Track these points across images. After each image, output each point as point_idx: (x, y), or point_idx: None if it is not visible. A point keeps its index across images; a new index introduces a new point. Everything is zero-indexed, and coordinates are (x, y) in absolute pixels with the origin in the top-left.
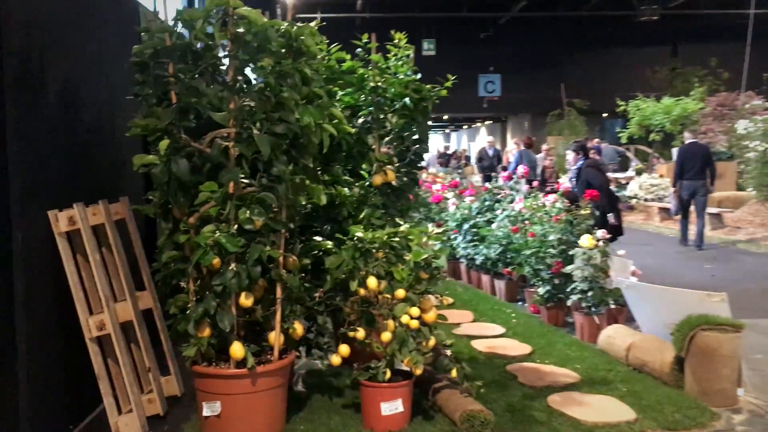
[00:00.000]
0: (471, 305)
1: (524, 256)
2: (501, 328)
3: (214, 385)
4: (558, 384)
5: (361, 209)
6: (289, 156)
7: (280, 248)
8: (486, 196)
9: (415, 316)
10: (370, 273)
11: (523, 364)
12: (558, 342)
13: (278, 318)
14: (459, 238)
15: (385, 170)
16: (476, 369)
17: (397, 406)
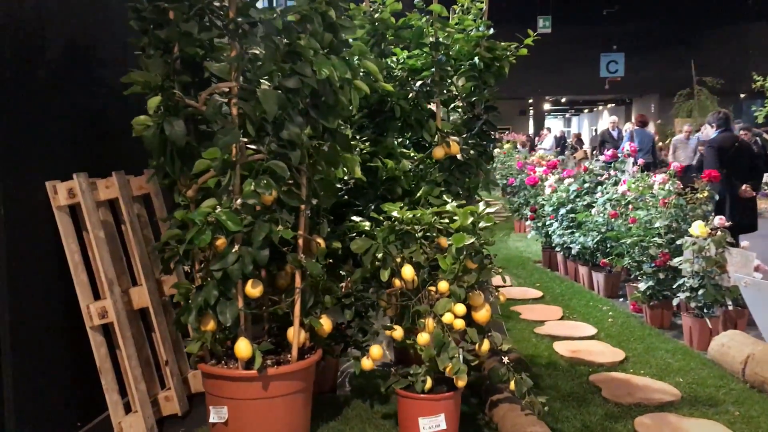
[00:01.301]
0: (562, 300)
1: (625, 245)
2: (592, 328)
3: (220, 388)
4: (651, 402)
5: (420, 186)
6: (308, 118)
7: (299, 228)
8: (586, 178)
9: (459, 314)
10: (406, 261)
11: (612, 374)
12: (659, 348)
13: (297, 311)
14: (554, 225)
15: (448, 141)
16: (553, 378)
17: (438, 422)
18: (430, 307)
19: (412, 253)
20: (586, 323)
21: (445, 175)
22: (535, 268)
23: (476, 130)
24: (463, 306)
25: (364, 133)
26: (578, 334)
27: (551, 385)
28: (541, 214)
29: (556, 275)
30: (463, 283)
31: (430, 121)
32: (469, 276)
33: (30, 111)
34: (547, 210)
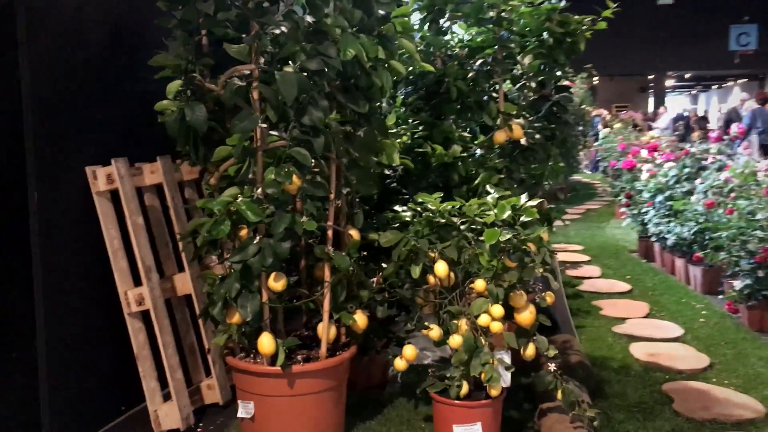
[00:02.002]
0: (651, 296)
1: (722, 238)
2: (679, 329)
3: (246, 383)
4: (729, 418)
5: (479, 173)
6: (336, 102)
7: (329, 219)
8: (687, 162)
9: (497, 316)
10: (440, 257)
11: (689, 384)
12: (751, 355)
13: (326, 306)
14: (651, 212)
15: (511, 125)
16: (622, 384)
17: (474, 431)
18: (466, 307)
19: (445, 248)
20: (673, 323)
21: (506, 162)
22: (629, 259)
23: (543, 112)
24: (500, 307)
25: (419, 117)
26: (661, 335)
27: (618, 392)
28: (638, 201)
29: (650, 267)
30: (503, 282)
31: (491, 103)
32: (510, 274)
33: (72, 95)
34: (645, 196)
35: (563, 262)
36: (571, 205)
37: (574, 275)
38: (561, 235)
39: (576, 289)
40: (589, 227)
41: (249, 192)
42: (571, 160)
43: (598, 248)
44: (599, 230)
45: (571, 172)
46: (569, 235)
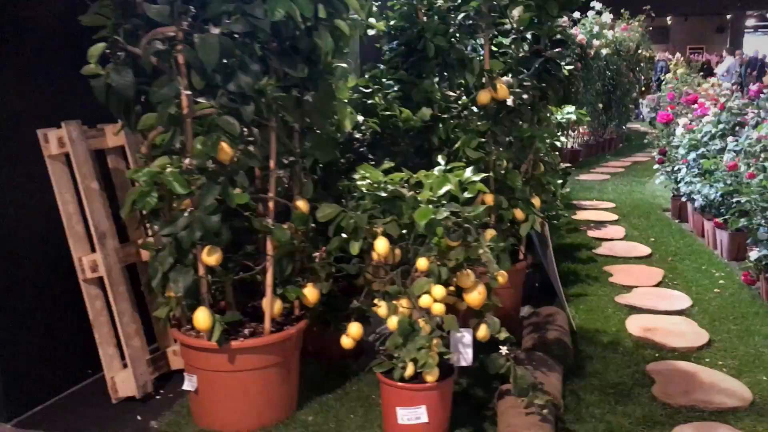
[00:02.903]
0: (671, 261)
1: (743, 203)
2: (687, 300)
3: (188, 356)
4: (709, 406)
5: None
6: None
7: (270, 191)
8: (722, 117)
9: (438, 297)
10: (380, 232)
11: (677, 364)
12: (757, 332)
13: (269, 281)
14: (683, 170)
15: (495, 84)
16: (605, 362)
17: (418, 414)
18: (405, 287)
19: (386, 224)
20: (683, 293)
21: (489, 124)
22: (660, 219)
23: (533, 70)
24: (442, 288)
25: (399, 75)
26: (666, 306)
27: (598, 371)
28: (673, 158)
29: (680, 228)
30: (448, 261)
31: (474, 60)
32: (455, 253)
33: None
34: (681, 153)
35: (588, 221)
36: (618, 157)
37: (595, 236)
38: (596, 191)
39: (592, 253)
40: (629, 182)
41: (178, 162)
42: (623, 108)
43: (630, 206)
44: (639, 186)
45: (622, 121)
46: (606, 190)
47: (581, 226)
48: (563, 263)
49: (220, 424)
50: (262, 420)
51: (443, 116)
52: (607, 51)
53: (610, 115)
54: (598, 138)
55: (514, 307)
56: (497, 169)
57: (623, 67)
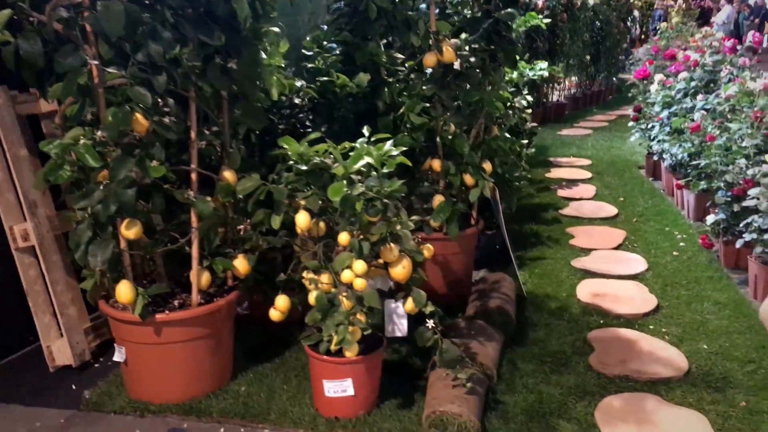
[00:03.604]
0: (636, 222)
1: (704, 166)
2: (643, 263)
3: (116, 328)
4: (642, 376)
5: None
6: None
7: (192, 162)
8: (697, 74)
9: (359, 272)
10: (302, 206)
11: (619, 332)
12: (707, 298)
13: (194, 253)
14: (656, 128)
15: (441, 46)
16: (548, 330)
17: (345, 387)
18: (325, 263)
19: (306, 197)
20: (641, 256)
21: (435, 88)
22: (633, 177)
23: (482, 31)
24: (363, 263)
25: (342, 36)
26: (620, 270)
27: (540, 339)
28: (648, 115)
29: (651, 188)
30: (370, 236)
31: (420, 21)
32: (378, 227)
33: None
34: (656, 110)
35: (561, 180)
36: (605, 110)
37: (565, 195)
38: (575, 147)
39: (558, 213)
40: (610, 137)
41: (91, 134)
42: (612, 59)
43: (607, 163)
44: (619, 141)
45: (612, 72)
46: (585, 146)
47: (553, 185)
48: (527, 224)
49: (150, 396)
50: (192, 391)
51: (389, 80)
52: (595, 1)
53: (599, 67)
54: (586, 90)
55: (466, 271)
56: (444, 135)
57: (613, 17)
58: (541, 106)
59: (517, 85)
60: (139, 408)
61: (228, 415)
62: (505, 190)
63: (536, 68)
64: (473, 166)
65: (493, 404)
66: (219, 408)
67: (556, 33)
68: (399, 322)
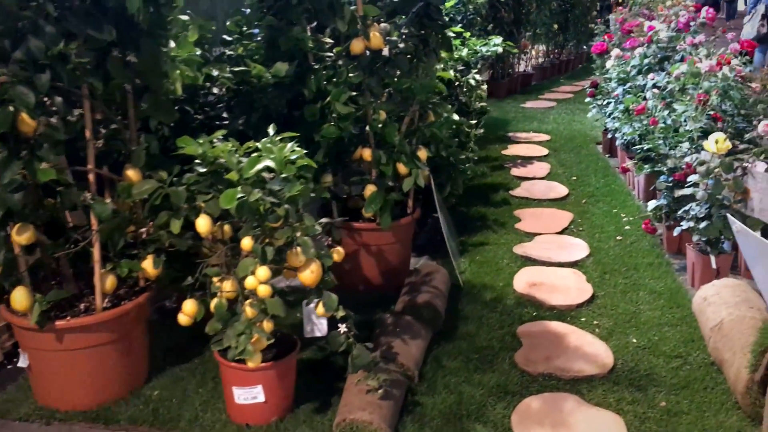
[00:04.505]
0: (586, 203)
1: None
2: (584, 248)
3: (18, 334)
4: (566, 374)
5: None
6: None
7: (88, 162)
8: (651, 50)
9: (263, 279)
10: (203, 210)
11: (549, 325)
12: (644, 287)
13: (96, 256)
14: (611, 105)
15: (368, 32)
16: (480, 324)
17: (255, 394)
18: (227, 269)
19: (206, 201)
20: (584, 241)
21: (362, 75)
22: (590, 154)
23: (411, 15)
24: (266, 269)
25: (266, 21)
26: (562, 257)
27: (470, 334)
28: (605, 91)
29: (606, 166)
30: (275, 240)
31: (345, 5)
32: (282, 232)
33: None
34: (612, 86)
35: (517, 157)
36: (572, 80)
37: (518, 174)
38: (537, 121)
39: (508, 194)
40: (573, 110)
41: None
42: (581, 27)
43: (565, 138)
44: (581, 115)
45: (581, 41)
46: (547, 120)
47: (508, 163)
48: (475, 207)
49: (57, 403)
50: (101, 398)
51: (316, 67)
52: None
53: (568, 36)
54: (554, 60)
55: (402, 261)
56: (374, 123)
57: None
58: (507, 77)
59: (467, 62)
60: (46, 415)
61: (136, 423)
62: (450, 174)
63: (490, 44)
64: (406, 154)
65: (411, 407)
66: (128, 415)
67: (521, 2)
68: (318, 323)
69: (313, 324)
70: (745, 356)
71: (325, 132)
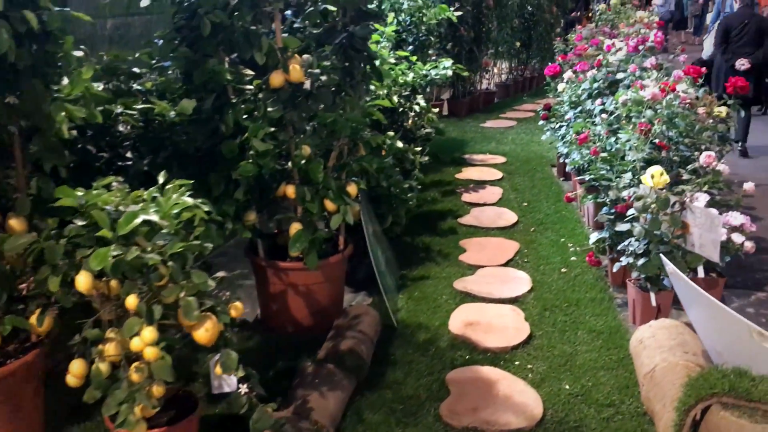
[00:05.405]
0: (534, 232)
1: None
2: (527, 282)
3: None
4: (492, 428)
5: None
6: None
7: None
8: (602, 74)
9: (149, 341)
10: (82, 266)
11: (480, 371)
12: (583, 325)
13: None
14: (563, 129)
15: (288, 65)
16: (407, 369)
17: None
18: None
19: (86, 257)
20: (528, 274)
21: (282, 110)
22: (544, 178)
23: (333, 47)
24: (153, 330)
25: (179, 52)
26: (501, 292)
27: (397, 381)
28: (558, 113)
29: (559, 191)
30: (163, 298)
31: (263, 37)
32: (169, 290)
33: None
34: (565, 109)
35: (470, 181)
36: (535, 98)
37: (469, 200)
38: (495, 142)
39: (456, 222)
40: (533, 130)
41: None
42: (545, 44)
43: (522, 161)
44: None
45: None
46: (505, 141)
47: (460, 188)
48: (421, 236)
49: None
50: None
51: (233, 100)
52: None
53: (531, 53)
54: (518, 77)
55: (333, 301)
56: (297, 159)
57: (545, 3)
58: (468, 95)
59: (414, 87)
60: None
61: None
62: (391, 204)
63: (440, 66)
64: (333, 190)
65: None
66: None
67: (482, 20)
68: (226, 378)
69: (221, 379)
70: (673, 411)
71: (242, 170)
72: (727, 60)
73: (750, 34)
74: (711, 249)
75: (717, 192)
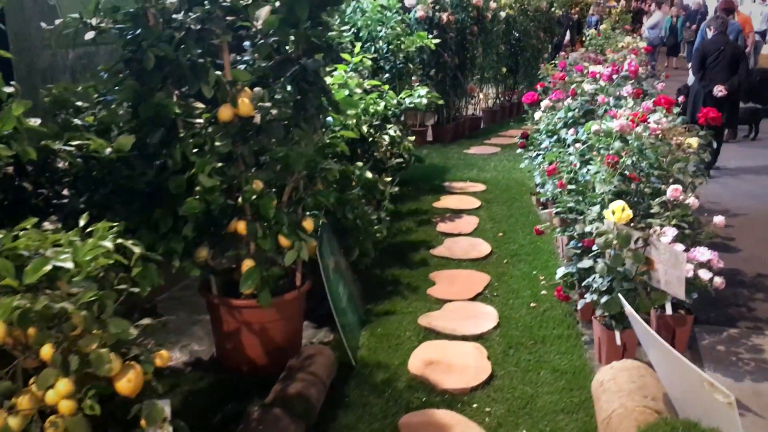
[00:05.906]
0: (506, 264)
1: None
2: (494, 318)
3: None
4: None
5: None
6: None
7: None
8: (576, 103)
9: (65, 393)
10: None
11: (434, 416)
12: (548, 364)
13: None
14: (539, 158)
15: (237, 98)
16: (359, 413)
17: None
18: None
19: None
20: (496, 309)
21: (230, 145)
22: (522, 207)
23: (284, 80)
24: (69, 382)
25: (124, 85)
26: (466, 329)
27: (348, 426)
28: (536, 142)
29: (536, 221)
30: (82, 348)
31: (211, 70)
32: (87, 339)
33: None
34: (541, 138)
35: (447, 210)
36: (522, 123)
37: (443, 230)
38: (476, 169)
39: (429, 253)
40: (516, 156)
41: None
42: (532, 70)
43: (501, 189)
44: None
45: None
46: (487, 168)
47: (436, 217)
48: (390, 269)
49: None
50: None
51: (181, 134)
52: (508, 12)
53: (518, 78)
54: (505, 102)
55: (289, 339)
56: (247, 195)
57: (531, 27)
58: (453, 121)
59: (385, 116)
60: None
61: None
62: (357, 237)
63: (416, 94)
64: (287, 226)
65: None
66: None
67: (466, 46)
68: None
69: (156, 429)
70: None
71: (188, 207)
72: (705, 86)
73: (725, 60)
74: (677, 286)
75: (687, 225)
